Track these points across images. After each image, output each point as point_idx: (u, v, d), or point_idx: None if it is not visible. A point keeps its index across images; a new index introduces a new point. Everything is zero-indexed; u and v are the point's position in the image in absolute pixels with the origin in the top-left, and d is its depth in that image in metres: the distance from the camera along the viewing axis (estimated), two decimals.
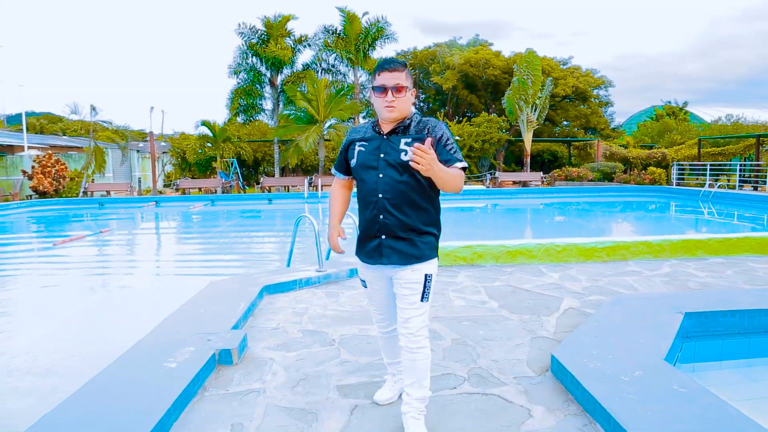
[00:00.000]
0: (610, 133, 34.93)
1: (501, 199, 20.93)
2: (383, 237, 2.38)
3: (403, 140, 2.36)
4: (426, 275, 2.40)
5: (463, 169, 2.33)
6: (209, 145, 26.47)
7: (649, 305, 4.10)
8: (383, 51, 27.15)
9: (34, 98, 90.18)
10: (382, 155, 2.36)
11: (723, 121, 36.86)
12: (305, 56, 46.40)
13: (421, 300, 2.41)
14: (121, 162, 27.14)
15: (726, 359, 3.98)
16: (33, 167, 22.56)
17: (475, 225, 13.96)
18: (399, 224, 2.35)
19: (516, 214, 16.58)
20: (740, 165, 22.32)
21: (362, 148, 2.42)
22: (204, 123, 25.73)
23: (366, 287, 2.60)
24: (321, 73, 26.75)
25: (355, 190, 2.58)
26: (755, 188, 20.81)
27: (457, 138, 27.44)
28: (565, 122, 34.82)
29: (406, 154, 2.31)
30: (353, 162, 2.44)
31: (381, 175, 2.35)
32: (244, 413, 2.72)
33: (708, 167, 21.63)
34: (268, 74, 26.18)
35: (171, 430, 2.57)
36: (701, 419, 2.37)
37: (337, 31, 26.27)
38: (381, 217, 2.36)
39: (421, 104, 39.56)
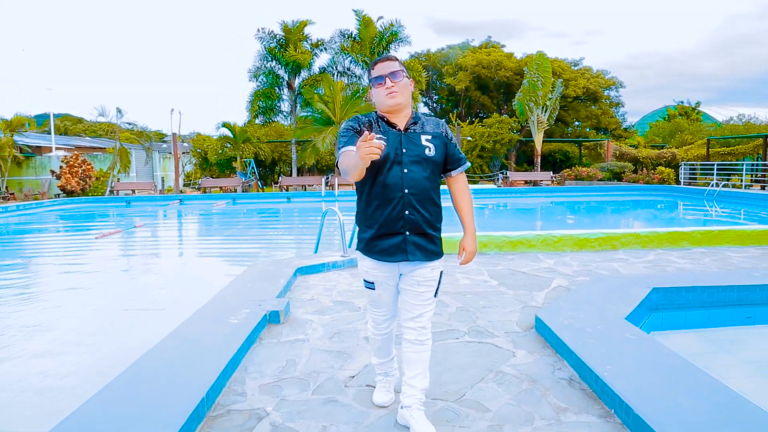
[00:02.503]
0: (621, 133, 35.41)
1: (511, 198, 21.62)
2: (407, 233, 2.38)
3: (423, 137, 2.42)
4: (440, 272, 2.52)
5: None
6: (229, 145, 27.52)
7: (624, 283, 4.86)
8: (397, 54, 27.98)
9: (51, 100, 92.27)
10: (404, 150, 2.38)
11: (735, 121, 37.12)
12: (322, 60, 47.42)
13: (434, 296, 2.52)
14: (145, 162, 28.30)
15: (689, 328, 4.73)
16: (61, 167, 23.70)
17: (484, 220, 14.70)
18: (423, 220, 2.38)
19: (525, 212, 17.29)
20: (747, 165, 22.78)
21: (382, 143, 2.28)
22: (225, 125, 26.79)
23: (374, 289, 2.53)
24: (337, 76, 27.65)
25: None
26: (763, 187, 21.26)
27: (468, 138, 28.21)
28: (576, 122, 35.39)
29: (430, 150, 2.41)
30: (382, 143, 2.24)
31: (406, 171, 2.36)
32: (295, 353, 3.55)
33: (715, 167, 22.13)
34: (286, 77, 27.16)
35: (242, 362, 3.40)
36: (640, 354, 3.15)
37: (353, 35, 27.15)
38: (407, 212, 2.36)
39: (435, 105, 40.32)
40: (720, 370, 3.60)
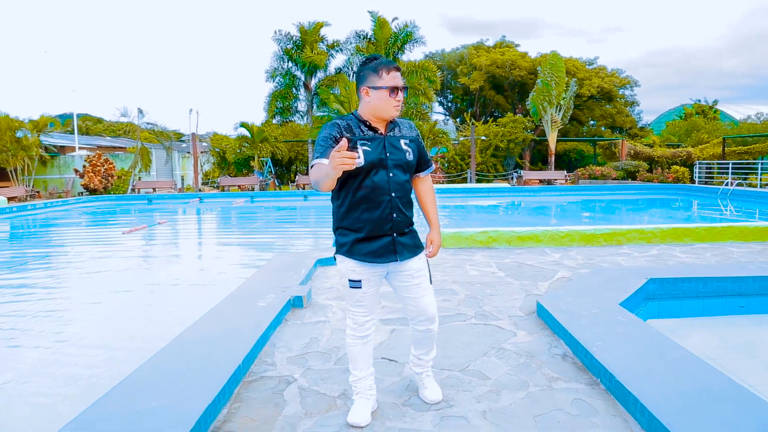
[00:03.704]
0: (637, 132, 35.38)
1: (524, 197, 21.84)
2: (395, 234, 2.49)
3: (402, 141, 2.53)
4: (427, 260, 2.68)
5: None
6: (247, 144, 28.13)
7: (623, 273, 5.18)
8: (412, 54, 28.42)
9: (74, 101, 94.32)
10: (388, 154, 2.46)
11: (753, 119, 36.84)
12: (337, 61, 47.84)
13: (430, 282, 2.67)
14: (165, 161, 29.04)
15: (684, 316, 5.04)
16: (84, 166, 24.47)
17: (498, 217, 15.01)
18: (407, 221, 2.54)
19: (537, 210, 17.54)
20: (765, 164, 22.73)
21: (368, 148, 2.43)
22: (242, 124, 27.40)
23: (361, 287, 2.56)
24: (352, 76, 28.07)
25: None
26: None
27: (483, 138, 28.48)
28: (591, 122, 35.43)
29: (409, 155, 2.54)
30: (359, 161, 2.36)
31: (391, 175, 2.46)
32: (317, 332, 3.95)
33: (730, 166, 22.13)
34: (303, 78, 27.69)
35: (270, 339, 3.81)
36: (629, 334, 3.49)
37: (368, 36, 27.57)
38: (394, 215, 2.46)
39: (450, 104, 40.60)
40: (709, 352, 3.92)
